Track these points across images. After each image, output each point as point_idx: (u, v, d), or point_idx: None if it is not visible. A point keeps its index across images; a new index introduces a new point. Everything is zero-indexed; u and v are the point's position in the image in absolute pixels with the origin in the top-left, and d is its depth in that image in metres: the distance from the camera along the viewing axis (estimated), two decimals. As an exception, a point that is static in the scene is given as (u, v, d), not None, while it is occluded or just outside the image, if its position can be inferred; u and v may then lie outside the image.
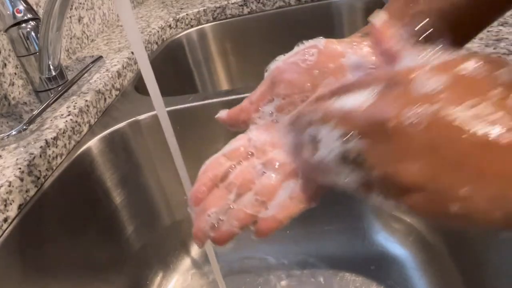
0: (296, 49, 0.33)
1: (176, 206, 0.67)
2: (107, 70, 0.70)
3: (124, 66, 0.72)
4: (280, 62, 0.33)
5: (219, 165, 0.32)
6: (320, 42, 0.32)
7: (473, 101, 0.19)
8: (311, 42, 0.33)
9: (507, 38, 0.49)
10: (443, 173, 0.20)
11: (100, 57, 0.72)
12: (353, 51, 0.31)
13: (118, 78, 0.69)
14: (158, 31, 0.89)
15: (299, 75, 0.32)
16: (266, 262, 0.64)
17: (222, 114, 0.36)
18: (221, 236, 0.30)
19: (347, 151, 0.23)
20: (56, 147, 0.52)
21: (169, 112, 0.38)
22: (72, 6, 0.80)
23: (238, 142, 0.33)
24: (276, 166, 0.31)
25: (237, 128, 0.35)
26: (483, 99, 0.19)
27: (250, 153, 0.32)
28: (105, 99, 0.65)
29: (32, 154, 0.49)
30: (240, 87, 0.89)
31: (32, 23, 0.57)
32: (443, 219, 0.21)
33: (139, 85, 0.72)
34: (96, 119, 0.61)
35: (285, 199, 0.29)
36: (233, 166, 0.32)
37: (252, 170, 0.31)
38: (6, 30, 0.57)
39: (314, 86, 0.32)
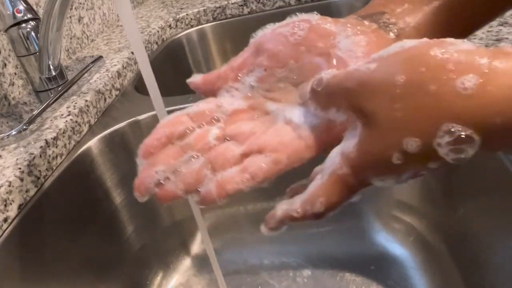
0: (287, 20, 0.31)
1: (176, 206, 0.67)
2: (107, 70, 0.69)
3: (124, 66, 0.72)
4: (268, 30, 0.32)
5: (180, 123, 0.30)
6: (314, 17, 0.31)
7: None
8: (304, 15, 0.31)
9: (507, 38, 0.49)
10: None
11: (100, 57, 0.72)
12: (346, 34, 0.30)
13: (118, 78, 0.69)
14: (158, 31, 0.89)
15: (284, 48, 0.30)
16: (266, 262, 0.64)
17: (196, 78, 0.33)
18: (164, 195, 0.28)
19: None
20: (56, 147, 0.52)
21: (169, 112, 0.38)
22: (72, 6, 0.80)
23: (206, 105, 0.31)
24: (242, 138, 0.29)
25: (209, 96, 0.33)
26: None
27: (215, 118, 0.31)
28: (105, 99, 0.65)
29: (32, 154, 0.49)
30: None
31: (32, 23, 0.57)
32: None
33: (139, 85, 0.72)
34: (96, 119, 0.61)
35: (237, 172, 0.28)
36: (194, 127, 0.30)
37: (212, 136, 0.29)
38: (6, 30, 0.57)
39: (297, 62, 0.30)
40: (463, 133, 0.20)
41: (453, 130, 0.20)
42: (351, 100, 0.24)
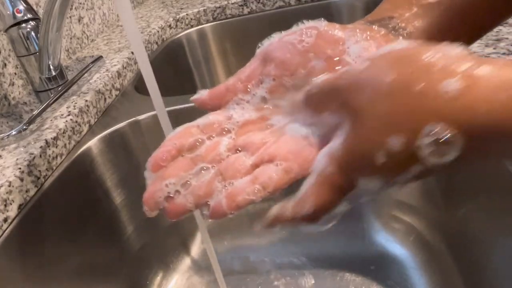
0: (294, 28, 0.31)
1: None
2: (107, 70, 0.69)
3: (124, 66, 0.72)
4: (275, 39, 0.31)
5: (190, 135, 0.30)
6: (321, 24, 0.30)
7: None
8: (311, 22, 0.31)
9: (507, 38, 0.49)
10: None
11: (100, 57, 0.72)
12: (355, 40, 0.29)
13: (118, 78, 0.69)
14: (158, 31, 0.89)
15: (292, 56, 0.30)
16: (266, 262, 0.64)
17: (202, 94, 0.32)
18: (174, 209, 0.28)
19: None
20: (56, 147, 0.52)
21: (169, 112, 0.38)
22: (72, 6, 0.80)
23: (215, 117, 0.31)
24: (253, 149, 0.29)
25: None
26: None
27: (225, 129, 0.30)
28: (105, 99, 0.65)
29: (32, 154, 0.49)
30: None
31: (32, 23, 0.57)
32: None
33: (139, 85, 0.72)
34: (96, 119, 0.61)
35: (247, 182, 0.27)
36: (203, 139, 0.30)
37: (223, 147, 0.29)
38: (6, 30, 0.57)
39: (306, 70, 0.30)
40: (446, 134, 0.20)
41: (436, 130, 0.20)
42: (341, 98, 0.24)
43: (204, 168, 0.29)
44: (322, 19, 0.31)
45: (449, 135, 0.20)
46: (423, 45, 0.22)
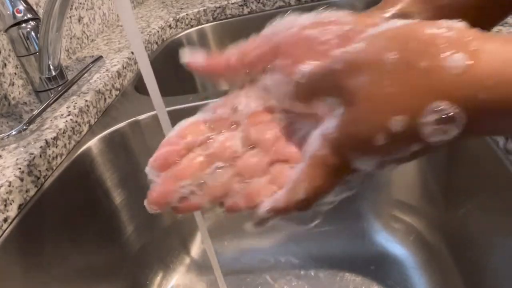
0: (316, 15, 0.27)
1: (176, 206, 0.67)
2: (107, 70, 0.69)
3: (124, 66, 0.72)
4: (295, 29, 0.27)
5: (200, 132, 0.29)
6: (347, 19, 0.26)
7: None
8: (335, 15, 0.27)
9: (507, 38, 0.49)
10: None
11: (100, 57, 0.72)
12: None
13: (118, 78, 0.69)
14: (158, 31, 0.89)
15: (308, 57, 0.26)
16: (266, 262, 0.64)
17: (196, 59, 0.30)
18: (188, 208, 0.27)
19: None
20: (56, 147, 0.52)
21: (169, 112, 0.38)
22: (72, 6, 0.80)
23: (221, 110, 0.29)
24: (267, 145, 0.28)
25: (211, 80, 0.30)
26: None
27: (234, 122, 0.29)
28: (105, 99, 0.65)
29: (32, 154, 0.49)
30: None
31: (32, 23, 0.57)
32: None
33: (139, 85, 0.72)
34: (96, 119, 0.61)
35: (265, 183, 0.26)
36: (214, 136, 0.28)
37: (237, 145, 0.28)
38: (6, 30, 0.57)
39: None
40: (450, 111, 0.19)
41: (440, 108, 0.19)
42: (335, 81, 0.23)
43: (219, 166, 0.28)
44: (348, 11, 0.27)
45: (453, 112, 0.19)
46: (423, 21, 0.21)
